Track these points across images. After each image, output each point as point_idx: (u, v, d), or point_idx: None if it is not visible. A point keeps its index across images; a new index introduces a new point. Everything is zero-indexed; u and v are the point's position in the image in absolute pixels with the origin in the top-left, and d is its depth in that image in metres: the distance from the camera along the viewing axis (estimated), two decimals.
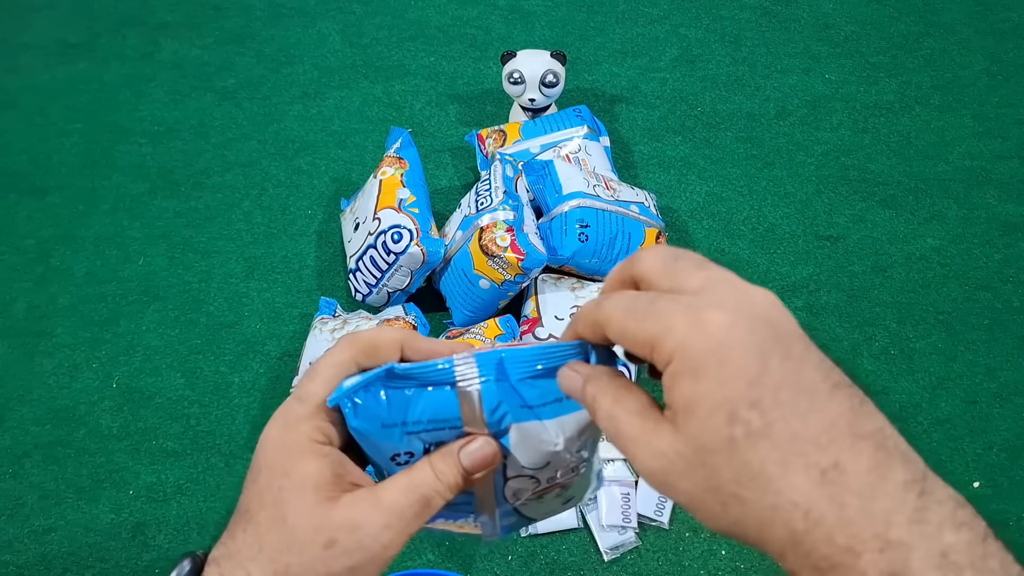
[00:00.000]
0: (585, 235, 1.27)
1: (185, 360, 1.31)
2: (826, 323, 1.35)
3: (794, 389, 0.33)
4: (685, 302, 0.35)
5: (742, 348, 0.33)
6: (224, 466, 1.20)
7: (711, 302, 0.34)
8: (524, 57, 1.48)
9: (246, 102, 1.69)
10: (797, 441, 0.32)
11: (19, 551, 1.13)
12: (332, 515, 0.39)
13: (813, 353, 0.35)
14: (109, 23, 1.85)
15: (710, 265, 0.37)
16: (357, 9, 1.87)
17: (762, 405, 0.32)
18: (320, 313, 1.29)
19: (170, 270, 1.43)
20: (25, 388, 1.29)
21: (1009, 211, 1.50)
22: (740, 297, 0.35)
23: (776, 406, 0.32)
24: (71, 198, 1.53)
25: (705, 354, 0.33)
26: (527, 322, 1.25)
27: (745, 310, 0.34)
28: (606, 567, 1.09)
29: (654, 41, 1.80)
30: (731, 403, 0.33)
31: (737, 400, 0.33)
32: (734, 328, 0.33)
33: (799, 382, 0.33)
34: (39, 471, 1.20)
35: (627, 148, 1.60)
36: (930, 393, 1.28)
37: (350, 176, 1.56)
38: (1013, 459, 1.21)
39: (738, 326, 0.33)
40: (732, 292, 0.35)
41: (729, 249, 1.45)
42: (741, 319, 0.34)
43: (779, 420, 0.32)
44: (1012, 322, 1.35)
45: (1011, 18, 1.85)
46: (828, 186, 1.54)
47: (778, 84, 1.72)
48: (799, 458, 0.32)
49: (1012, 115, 1.66)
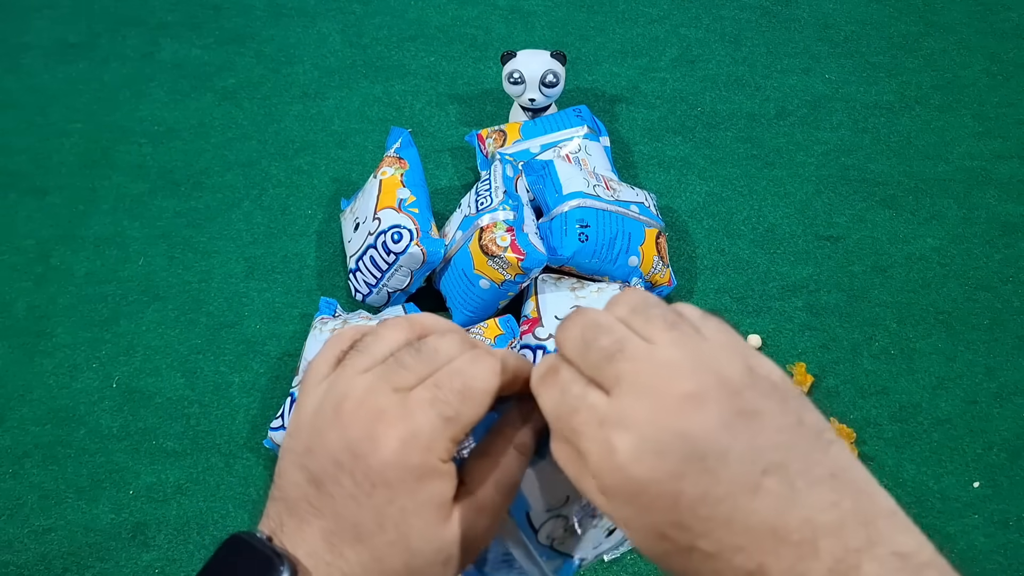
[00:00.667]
0: (585, 235, 1.27)
1: (185, 360, 1.31)
2: (826, 323, 1.35)
3: (713, 502, 0.33)
4: (597, 418, 0.35)
5: (651, 479, 0.33)
6: (224, 466, 1.20)
7: (620, 418, 0.34)
8: (524, 57, 1.48)
9: (246, 102, 1.69)
10: (723, 551, 0.33)
11: (19, 551, 1.13)
12: (449, 532, 0.38)
13: (739, 442, 0.33)
14: (109, 23, 1.85)
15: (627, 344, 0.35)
16: (357, 9, 1.87)
17: (684, 524, 0.33)
18: (320, 313, 1.29)
19: (170, 270, 1.43)
20: (25, 388, 1.29)
21: (1009, 211, 1.50)
22: (652, 404, 0.34)
23: (697, 521, 0.33)
24: (71, 198, 1.53)
25: (618, 486, 0.34)
26: (527, 322, 1.25)
27: (655, 423, 0.33)
28: (606, 567, 1.09)
29: (654, 41, 1.80)
30: (655, 527, 0.34)
31: (660, 524, 0.34)
32: (641, 457, 0.33)
33: (717, 493, 0.33)
34: (39, 471, 1.20)
35: (627, 148, 1.60)
36: (930, 393, 1.27)
37: (350, 176, 1.56)
38: (1013, 459, 1.21)
39: (645, 453, 0.33)
40: (644, 397, 0.34)
41: (729, 249, 1.45)
42: (649, 440, 0.33)
43: (702, 536, 0.33)
44: (1012, 322, 1.35)
45: (1011, 18, 1.85)
46: (828, 186, 1.54)
47: (778, 84, 1.72)
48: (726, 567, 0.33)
49: (1012, 115, 1.66)
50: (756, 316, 1.36)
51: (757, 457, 0.33)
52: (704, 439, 0.33)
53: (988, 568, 1.11)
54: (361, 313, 1.29)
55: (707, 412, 0.33)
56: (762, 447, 0.33)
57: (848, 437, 1.20)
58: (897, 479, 1.18)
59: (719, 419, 0.33)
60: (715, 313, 0.38)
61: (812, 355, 1.31)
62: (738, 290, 1.40)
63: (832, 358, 1.31)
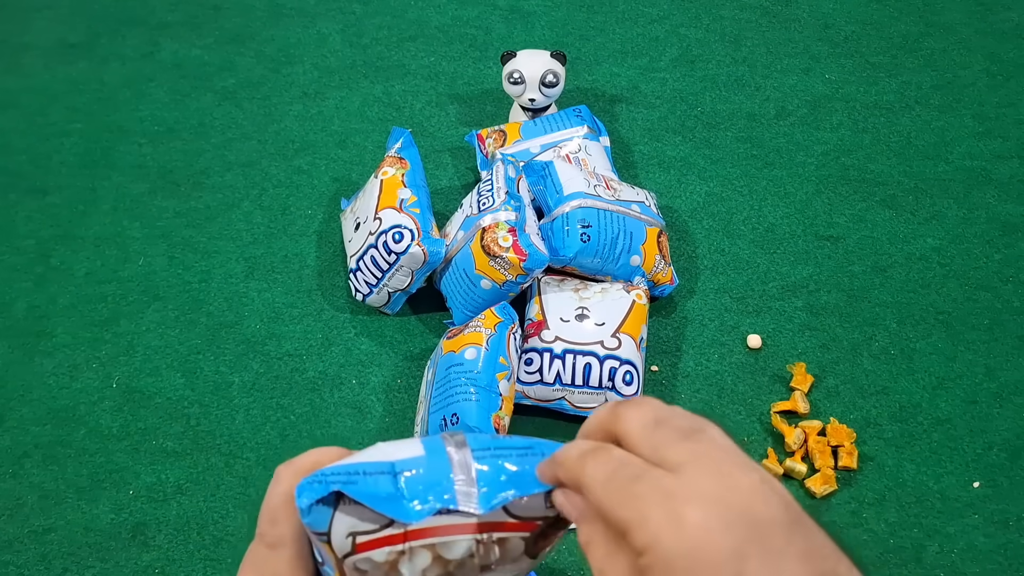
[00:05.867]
0: (587, 235, 1.27)
1: (185, 360, 1.31)
2: (826, 323, 1.35)
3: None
4: (664, 488, 0.34)
5: (716, 552, 0.33)
6: (224, 466, 1.20)
7: (689, 493, 0.34)
8: (524, 57, 1.48)
9: (246, 102, 1.69)
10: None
11: (19, 551, 1.13)
12: None
13: (798, 541, 0.34)
14: (109, 23, 1.85)
15: (696, 433, 0.36)
16: (357, 9, 1.87)
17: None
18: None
19: (170, 270, 1.43)
20: (25, 388, 1.29)
21: (1009, 211, 1.51)
22: (721, 484, 0.34)
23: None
24: (71, 198, 1.53)
25: (678, 556, 0.33)
26: (532, 325, 1.25)
27: (724, 502, 0.34)
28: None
29: (654, 41, 1.80)
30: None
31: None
32: (710, 530, 0.33)
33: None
34: (39, 471, 1.20)
35: (627, 148, 1.60)
36: (930, 393, 1.28)
37: (350, 176, 1.56)
38: (1013, 459, 1.21)
39: (714, 526, 0.33)
40: (713, 477, 0.34)
41: (729, 249, 1.45)
42: (718, 516, 0.33)
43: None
44: (1012, 322, 1.36)
45: (1011, 18, 1.85)
46: (828, 186, 1.54)
47: (778, 84, 1.72)
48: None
49: (1012, 115, 1.66)
50: (756, 316, 1.36)
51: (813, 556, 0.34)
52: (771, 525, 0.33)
53: (988, 568, 1.11)
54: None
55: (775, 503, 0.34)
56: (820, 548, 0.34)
57: (848, 437, 1.20)
58: (897, 479, 1.19)
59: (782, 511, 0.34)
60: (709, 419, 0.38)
61: (812, 355, 1.31)
62: (738, 290, 1.40)
63: (832, 358, 1.31)
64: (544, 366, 1.20)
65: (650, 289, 1.32)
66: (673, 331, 1.35)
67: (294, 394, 1.27)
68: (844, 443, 1.20)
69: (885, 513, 1.15)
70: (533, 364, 1.21)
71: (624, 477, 0.35)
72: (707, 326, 1.35)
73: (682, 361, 1.31)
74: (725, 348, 1.33)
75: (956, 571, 1.10)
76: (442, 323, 1.34)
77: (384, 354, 1.32)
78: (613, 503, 0.35)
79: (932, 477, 1.19)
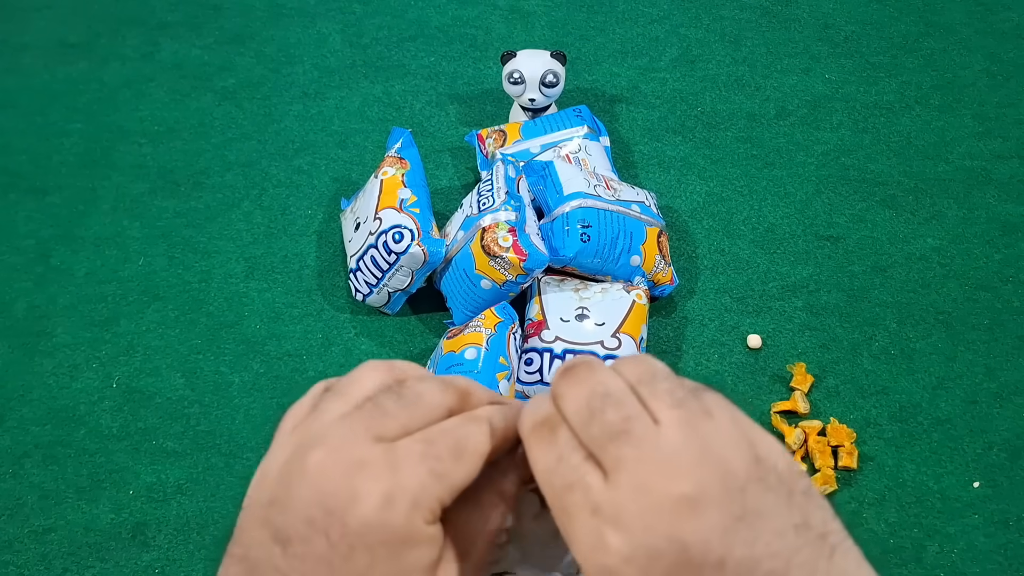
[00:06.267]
0: (587, 235, 1.27)
1: (185, 360, 1.31)
2: (826, 323, 1.35)
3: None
4: (591, 503, 0.33)
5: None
6: (224, 466, 1.20)
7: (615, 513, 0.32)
8: (524, 57, 1.48)
9: (246, 102, 1.69)
10: None
11: (19, 551, 1.13)
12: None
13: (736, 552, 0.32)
14: (109, 23, 1.85)
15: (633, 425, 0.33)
16: (357, 9, 1.87)
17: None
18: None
19: (170, 270, 1.43)
20: (25, 388, 1.29)
21: (1009, 211, 1.51)
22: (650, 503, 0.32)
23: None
24: (71, 198, 1.53)
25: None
26: (532, 325, 1.25)
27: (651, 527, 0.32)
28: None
29: (654, 41, 1.80)
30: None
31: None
32: (632, 560, 0.32)
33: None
34: (39, 471, 1.20)
35: (627, 148, 1.60)
36: (930, 393, 1.28)
37: (350, 176, 1.56)
38: (1013, 459, 1.21)
39: (638, 556, 0.32)
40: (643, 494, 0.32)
41: (729, 249, 1.45)
42: (642, 545, 0.32)
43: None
44: (1012, 322, 1.36)
45: (1011, 18, 1.85)
46: (828, 186, 1.54)
47: (778, 84, 1.72)
48: None
49: (1012, 115, 1.66)
50: (756, 316, 1.36)
51: (754, 567, 0.32)
52: (700, 548, 0.31)
53: (988, 568, 1.11)
54: None
55: (705, 518, 0.32)
56: (760, 556, 0.32)
57: (848, 437, 1.20)
58: (897, 479, 1.19)
59: (718, 525, 0.32)
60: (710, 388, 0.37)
61: (812, 355, 1.31)
62: (738, 290, 1.40)
63: (832, 358, 1.31)
64: (544, 366, 1.20)
65: (650, 289, 1.32)
66: (673, 331, 1.35)
67: (294, 394, 1.27)
68: (844, 443, 1.20)
69: (885, 513, 1.15)
70: (533, 364, 1.21)
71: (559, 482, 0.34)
72: (707, 326, 1.35)
73: (682, 361, 1.31)
74: (725, 348, 1.33)
75: (956, 571, 1.10)
76: (442, 323, 1.34)
77: (384, 354, 1.32)
78: (551, 504, 0.35)
79: (932, 477, 1.19)
